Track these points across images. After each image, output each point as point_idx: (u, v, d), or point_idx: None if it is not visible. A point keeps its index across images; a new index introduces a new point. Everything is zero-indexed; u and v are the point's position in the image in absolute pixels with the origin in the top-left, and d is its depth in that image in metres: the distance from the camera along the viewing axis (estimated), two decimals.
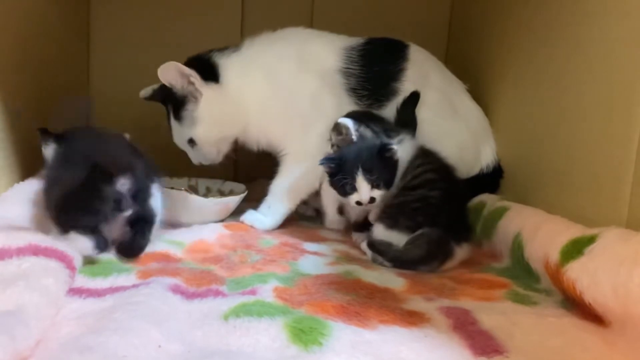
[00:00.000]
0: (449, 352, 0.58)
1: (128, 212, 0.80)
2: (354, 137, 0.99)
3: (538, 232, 0.83)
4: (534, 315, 0.68)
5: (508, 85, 1.17)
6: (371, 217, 1.00)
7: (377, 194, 0.93)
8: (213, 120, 1.11)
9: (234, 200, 1.11)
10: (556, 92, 0.96)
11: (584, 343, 0.61)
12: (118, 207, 0.78)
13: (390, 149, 0.93)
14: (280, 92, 1.11)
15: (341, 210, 1.03)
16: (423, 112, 1.12)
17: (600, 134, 0.82)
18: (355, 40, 1.17)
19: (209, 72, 1.10)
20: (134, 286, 0.70)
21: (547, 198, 0.95)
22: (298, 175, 1.11)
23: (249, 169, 1.41)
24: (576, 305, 0.69)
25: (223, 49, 1.14)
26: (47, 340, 0.55)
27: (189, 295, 0.69)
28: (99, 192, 0.77)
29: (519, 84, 1.12)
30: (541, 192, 0.98)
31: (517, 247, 0.88)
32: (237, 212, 1.13)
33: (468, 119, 1.19)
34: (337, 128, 1.02)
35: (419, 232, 0.89)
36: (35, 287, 0.59)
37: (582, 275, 0.68)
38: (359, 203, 0.94)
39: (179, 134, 1.14)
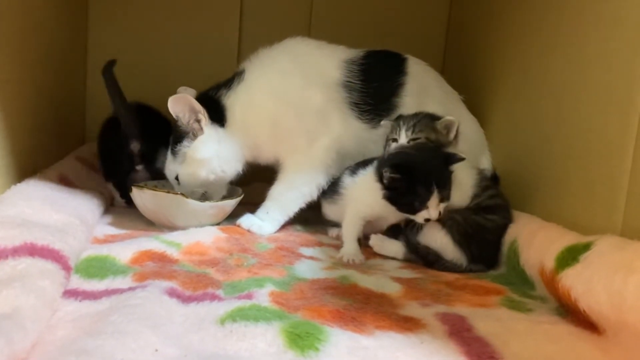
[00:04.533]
0: (445, 358, 0.58)
1: (139, 167, 1.15)
2: None
3: (534, 239, 0.84)
4: (529, 322, 0.69)
5: (504, 95, 1.18)
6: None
7: (442, 207, 0.91)
8: (203, 163, 1.08)
9: (230, 204, 1.11)
10: (551, 101, 0.96)
11: (578, 350, 0.61)
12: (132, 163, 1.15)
13: (458, 159, 0.91)
14: (289, 109, 1.10)
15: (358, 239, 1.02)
16: None
17: (596, 142, 0.82)
18: (354, 53, 1.16)
19: (217, 114, 1.08)
20: (130, 289, 0.70)
21: (542, 206, 0.96)
22: (299, 184, 1.11)
23: (244, 172, 1.41)
24: (571, 313, 0.70)
25: (230, 83, 1.11)
26: (44, 343, 0.55)
27: (185, 299, 0.69)
28: (120, 148, 1.13)
29: (515, 94, 1.12)
30: (537, 199, 0.98)
31: (512, 254, 0.88)
32: (233, 215, 1.12)
33: (465, 131, 1.19)
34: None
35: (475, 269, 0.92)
36: (31, 289, 0.59)
37: (577, 282, 0.68)
38: (427, 220, 0.91)
39: (169, 167, 1.11)
